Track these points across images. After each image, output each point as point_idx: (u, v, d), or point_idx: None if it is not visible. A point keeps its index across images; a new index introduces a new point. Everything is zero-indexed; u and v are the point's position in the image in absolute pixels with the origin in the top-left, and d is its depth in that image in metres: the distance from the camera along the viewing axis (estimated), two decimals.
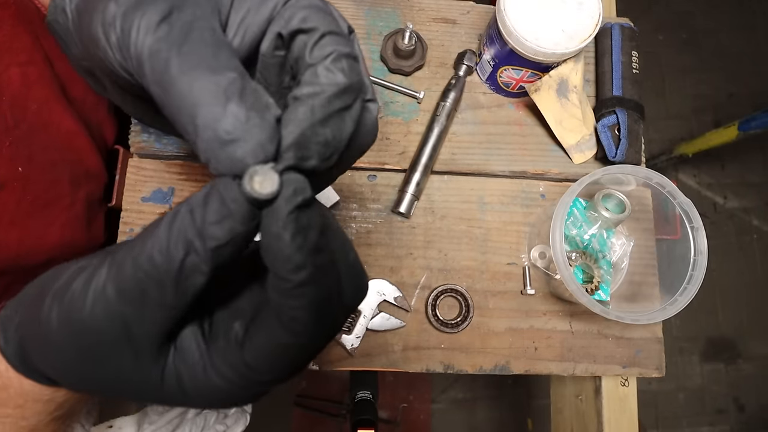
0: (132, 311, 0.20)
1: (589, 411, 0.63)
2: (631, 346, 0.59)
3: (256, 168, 0.19)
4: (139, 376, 0.22)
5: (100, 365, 0.22)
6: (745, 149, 1.83)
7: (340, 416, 1.41)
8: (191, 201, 0.20)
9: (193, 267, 0.20)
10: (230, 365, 0.22)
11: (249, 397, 0.24)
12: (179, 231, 0.20)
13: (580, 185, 0.52)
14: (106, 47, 0.22)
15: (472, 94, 0.63)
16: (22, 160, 0.44)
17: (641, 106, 0.60)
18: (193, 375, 0.23)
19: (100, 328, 0.21)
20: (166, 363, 0.23)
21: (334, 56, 0.22)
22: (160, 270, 0.20)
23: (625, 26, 0.62)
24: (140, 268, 0.20)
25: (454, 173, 0.62)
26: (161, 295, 0.20)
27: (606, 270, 0.59)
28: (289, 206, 0.19)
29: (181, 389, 0.23)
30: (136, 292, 0.20)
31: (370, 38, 0.63)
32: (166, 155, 0.58)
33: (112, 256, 0.21)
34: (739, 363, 1.74)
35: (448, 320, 0.57)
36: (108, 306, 0.20)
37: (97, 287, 0.21)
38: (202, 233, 0.19)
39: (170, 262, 0.20)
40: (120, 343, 0.21)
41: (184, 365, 0.23)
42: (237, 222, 0.20)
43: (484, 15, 0.66)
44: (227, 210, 0.19)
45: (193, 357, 0.23)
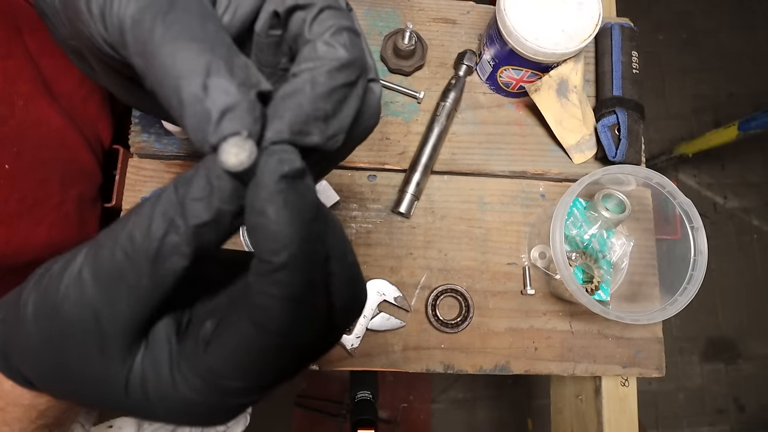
0: (104, 297, 0.19)
1: (589, 411, 0.63)
2: (631, 346, 0.59)
3: (230, 139, 0.17)
4: (103, 373, 0.20)
5: (66, 357, 0.20)
6: (745, 149, 1.83)
7: (340, 416, 1.41)
8: (178, 178, 0.19)
9: (172, 247, 0.18)
10: (194, 369, 0.20)
11: (216, 412, 0.21)
12: (162, 208, 0.18)
13: (580, 185, 0.52)
14: (89, 20, 0.21)
15: (472, 94, 0.63)
16: (10, 157, 0.43)
17: (641, 106, 0.60)
18: (158, 379, 0.20)
19: (70, 314, 0.19)
20: (134, 362, 0.20)
21: (334, 29, 0.20)
22: (137, 249, 0.18)
23: (625, 26, 0.62)
24: (118, 246, 0.18)
25: (454, 173, 0.62)
26: (136, 279, 0.18)
27: (606, 270, 0.59)
28: (274, 176, 0.17)
29: (144, 395, 0.20)
30: (112, 275, 0.19)
31: (370, 38, 0.63)
32: (166, 155, 0.58)
33: (91, 241, 0.20)
34: (739, 363, 1.74)
35: (448, 320, 0.57)
36: (82, 290, 0.19)
37: (73, 270, 0.19)
38: (184, 210, 0.18)
39: (149, 240, 0.18)
40: (88, 333, 0.19)
41: (151, 366, 0.20)
42: (220, 199, 0.18)
43: (484, 15, 0.66)
44: (211, 186, 0.18)
45: (161, 356, 0.20)
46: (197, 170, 0.18)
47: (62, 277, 0.20)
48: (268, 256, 0.18)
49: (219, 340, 0.20)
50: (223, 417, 0.22)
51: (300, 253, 0.18)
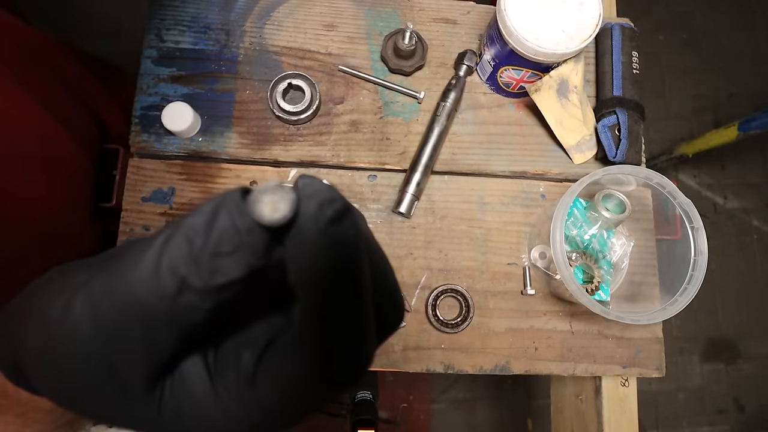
0: (115, 352, 0.18)
1: (589, 411, 0.63)
2: (631, 346, 0.59)
3: (265, 187, 0.16)
4: (132, 413, 0.19)
5: (88, 400, 0.20)
6: (745, 149, 1.83)
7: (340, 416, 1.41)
8: (187, 224, 0.16)
9: (191, 306, 0.17)
10: (240, 404, 0.19)
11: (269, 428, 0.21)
12: (171, 262, 0.16)
13: (580, 185, 0.52)
14: None
15: (472, 95, 0.63)
16: None
17: (641, 107, 0.60)
18: (196, 414, 0.20)
19: (81, 368, 0.18)
20: (162, 398, 0.19)
21: None
22: (147, 309, 0.17)
23: (625, 26, 0.62)
24: (124, 305, 0.17)
25: (455, 173, 0.62)
26: (149, 335, 0.17)
27: (606, 270, 0.59)
28: (320, 226, 0.16)
29: (181, 424, 0.20)
30: (118, 330, 0.17)
31: (370, 38, 0.63)
32: (166, 155, 0.58)
33: (88, 286, 0.18)
34: (739, 363, 1.74)
35: (448, 320, 0.57)
36: (87, 346, 0.18)
37: (73, 324, 0.18)
38: (203, 267, 0.16)
39: (160, 301, 0.16)
40: (105, 382, 0.18)
41: (186, 401, 0.19)
42: (253, 254, 0.16)
43: (485, 15, 0.66)
44: (240, 240, 0.16)
45: (195, 393, 0.19)
46: (216, 218, 0.16)
47: (61, 331, 0.18)
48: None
49: (268, 374, 0.19)
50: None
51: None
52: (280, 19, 0.62)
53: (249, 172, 0.59)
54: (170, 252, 0.16)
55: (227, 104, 0.59)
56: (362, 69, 0.62)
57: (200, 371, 0.20)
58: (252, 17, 0.62)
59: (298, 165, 0.60)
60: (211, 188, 0.58)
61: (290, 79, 0.57)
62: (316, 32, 0.63)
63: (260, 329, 0.21)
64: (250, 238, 0.16)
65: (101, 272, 0.19)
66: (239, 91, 0.60)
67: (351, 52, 0.63)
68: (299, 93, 0.59)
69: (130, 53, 0.68)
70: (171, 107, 0.55)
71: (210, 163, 0.59)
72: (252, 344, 0.20)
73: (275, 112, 0.58)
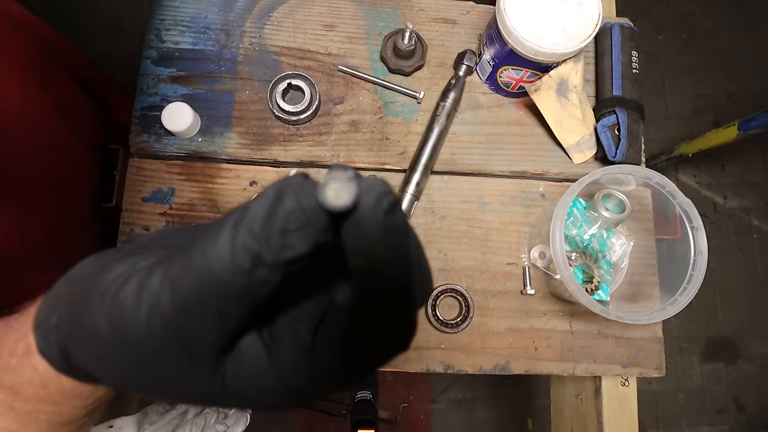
0: (191, 324, 0.20)
1: (589, 411, 0.63)
2: (631, 346, 0.59)
3: (334, 174, 0.18)
4: (196, 384, 0.21)
5: (156, 374, 0.21)
6: (745, 149, 1.83)
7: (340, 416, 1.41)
8: (255, 206, 0.18)
9: (263, 280, 0.19)
10: (298, 372, 0.21)
11: (317, 396, 0.23)
12: (245, 241, 0.18)
13: (580, 185, 0.52)
14: None
15: (472, 94, 0.63)
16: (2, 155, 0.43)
17: (641, 106, 0.60)
18: (255, 383, 0.22)
19: (156, 341, 0.20)
20: (226, 370, 0.21)
21: None
22: (225, 285, 0.19)
23: (625, 26, 0.62)
24: (202, 282, 0.19)
25: (454, 173, 0.62)
26: (224, 309, 0.19)
27: (606, 270, 0.59)
28: (378, 217, 0.18)
29: (242, 395, 0.22)
30: (196, 305, 0.19)
31: (370, 38, 0.63)
32: (166, 155, 0.58)
33: (164, 266, 0.20)
34: (739, 363, 1.74)
35: (448, 320, 0.57)
36: (164, 319, 0.20)
37: (152, 300, 0.20)
38: (274, 243, 0.18)
39: (236, 276, 0.18)
40: (178, 355, 0.20)
41: (245, 372, 0.21)
42: (318, 231, 0.18)
43: (484, 15, 0.66)
44: (306, 218, 0.18)
45: (254, 366, 0.22)
46: (278, 199, 0.18)
47: (139, 306, 0.20)
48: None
49: (324, 345, 0.21)
50: (318, 398, 0.23)
51: (411, 280, 0.20)
52: (279, 20, 0.62)
53: (249, 172, 0.59)
54: (242, 232, 0.18)
55: (227, 104, 0.59)
56: (362, 69, 0.62)
57: (257, 345, 0.22)
58: (251, 17, 0.62)
59: (298, 165, 0.60)
60: (211, 188, 0.58)
61: (290, 79, 0.57)
62: (315, 32, 0.63)
63: (311, 306, 0.23)
64: (315, 216, 0.18)
65: (173, 254, 0.21)
66: (239, 92, 0.60)
67: (350, 52, 0.63)
68: (299, 93, 0.59)
69: (129, 53, 0.68)
70: (171, 107, 0.55)
71: (210, 163, 0.59)
72: (306, 319, 0.22)
73: (275, 113, 0.58)
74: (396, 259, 0.20)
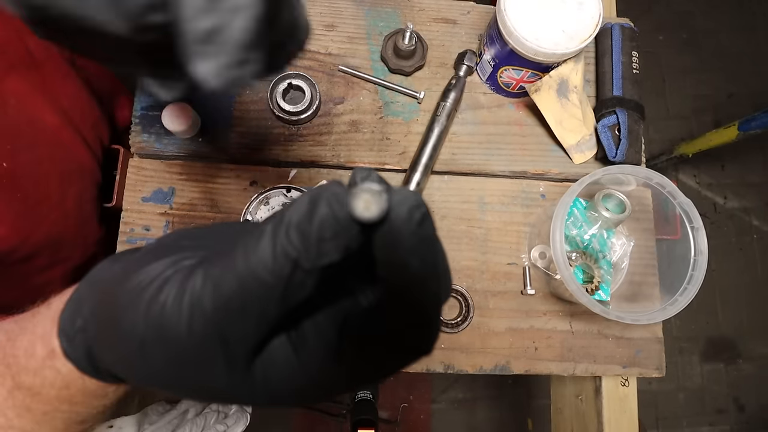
0: (231, 325, 0.20)
1: (589, 411, 0.63)
2: (631, 346, 0.59)
3: (366, 185, 0.19)
4: (228, 384, 0.22)
5: (191, 372, 0.22)
6: (745, 149, 1.83)
7: (340, 416, 1.41)
8: (292, 215, 0.19)
9: (299, 284, 0.20)
10: (326, 372, 0.23)
11: (344, 392, 0.24)
12: (285, 247, 0.19)
13: (580, 185, 0.52)
14: None
15: (472, 94, 0.63)
16: (6, 155, 0.43)
17: (641, 106, 0.60)
18: (285, 383, 0.23)
19: (196, 340, 0.21)
20: (256, 370, 0.22)
21: None
22: (266, 288, 0.20)
23: (625, 26, 0.62)
24: (244, 284, 0.20)
25: (455, 173, 0.62)
26: (263, 310, 0.20)
27: (606, 270, 0.59)
28: (411, 229, 0.19)
29: (271, 394, 0.23)
30: (237, 306, 0.20)
31: (370, 38, 0.63)
32: (166, 155, 0.58)
33: (204, 267, 0.21)
34: (739, 363, 1.74)
35: (448, 320, 0.57)
36: (205, 319, 0.20)
37: (194, 301, 0.20)
38: (311, 250, 0.19)
39: (278, 280, 0.19)
40: (214, 355, 0.21)
41: (275, 374, 0.22)
42: (349, 240, 0.19)
43: (485, 15, 0.66)
44: (339, 227, 0.19)
45: (283, 366, 0.23)
46: (313, 206, 0.19)
47: (180, 308, 0.21)
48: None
49: (353, 348, 0.23)
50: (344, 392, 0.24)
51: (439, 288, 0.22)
52: None
53: (249, 172, 0.59)
54: (281, 238, 0.19)
55: (227, 104, 0.59)
56: (362, 69, 0.62)
57: (286, 347, 0.23)
58: None
59: (298, 165, 0.60)
60: (211, 188, 0.58)
61: (290, 79, 0.57)
62: (316, 32, 0.63)
63: (336, 309, 0.24)
64: (347, 226, 0.19)
65: (210, 256, 0.22)
66: (239, 91, 0.60)
67: (351, 52, 0.63)
68: (299, 93, 0.59)
69: None
70: (171, 107, 0.55)
71: (210, 163, 0.58)
72: (332, 321, 0.23)
73: (275, 112, 0.58)
74: (428, 272, 0.20)
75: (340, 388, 0.24)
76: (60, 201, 0.51)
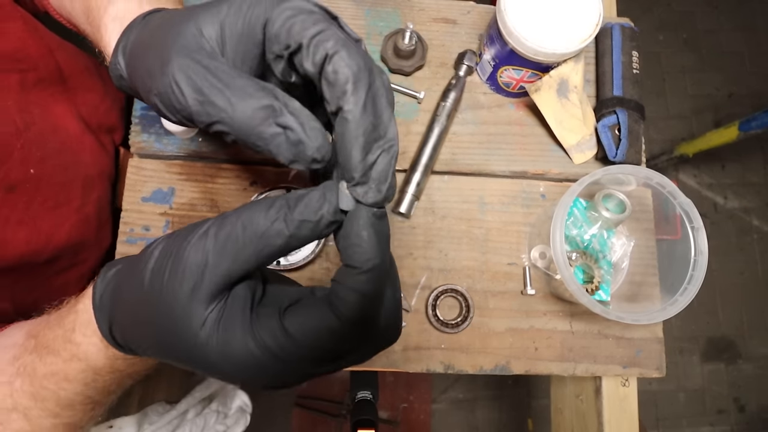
0: (216, 250, 0.26)
1: (589, 411, 0.63)
2: (632, 346, 0.59)
3: (340, 187, 0.27)
4: (186, 310, 0.26)
5: (164, 293, 0.26)
6: (746, 149, 1.83)
7: (340, 416, 1.41)
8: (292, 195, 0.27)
9: (277, 231, 0.26)
10: (268, 330, 0.26)
11: (279, 375, 0.27)
12: (278, 204, 0.26)
13: (580, 185, 0.52)
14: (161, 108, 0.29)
15: (472, 94, 0.63)
16: (34, 161, 0.44)
17: (641, 106, 0.60)
18: (230, 332, 0.26)
19: (190, 254, 0.26)
20: (213, 310, 0.26)
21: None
22: (254, 225, 0.26)
23: (625, 26, 0.62)
24: (240, 220, 0.26)
25: (455, 173, 0.62)
26: (243, 245, 0.26)
27: (606, 270, 0.59)
28: (369, 214, 0.27)
29: (215, 346, 0.26)
30: (228, 238, 0.26)
31: (370, 38, 0.63)
32: (166, 155, 0.58)
33: (221, 214, 0.27)
34: (739, 363, 1.74)
35: (448, 320, 0.57)
36: (204, 242, 0.26)
37: (202, 229, 0.27)
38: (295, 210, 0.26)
39: (264, 221, 0.26)
40: (192, 274, 0.26)
41: (227, 317, 0.26)
42: (327, 211, 0.26)
43: (485, 15, 0.66)
44: (323, 201, 0.26)
45: (236, 311, 0.26)
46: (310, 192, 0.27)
47: (193, 232, 0.27)
48: (358, 264, 0.26)
49: (297, 312, 0.27)
50: (277, 382, 0.27)
51: (380, 265, 0.26)
52: None
53: (249, 172, 0.59)
54: (278, 201, 0.27)
55: None
56: None
57: (246, 294, 0.27)
58: None
59: None
60: (211, 188, 0.58)
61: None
62: None
63: (294, 290, 0.30)
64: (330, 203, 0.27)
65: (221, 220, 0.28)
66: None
67: None
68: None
69: None
70: None
71: (210, 163, 0.58)
72: (289, 297, 0.28)
73: None
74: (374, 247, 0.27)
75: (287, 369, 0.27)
76: (81, 205, 0.52)
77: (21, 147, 0.42)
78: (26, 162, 0.43)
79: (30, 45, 0.46)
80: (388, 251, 0.27)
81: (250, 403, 0.66)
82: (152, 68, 0.29)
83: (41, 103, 0.47)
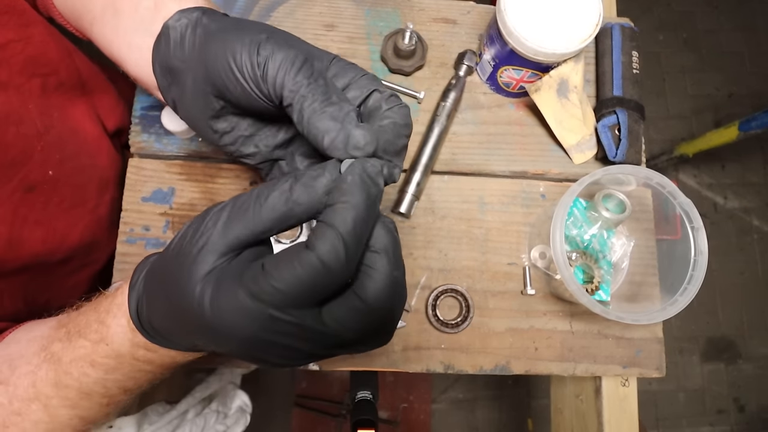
0: (230, 216, 0.29)
1: (589, 411, 0.63)
2: (632, 346, 0.59)
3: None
4: (191, 269, 0.28)
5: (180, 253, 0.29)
6: (746, 149, 1.83)
7: (340, 416, 1.41)
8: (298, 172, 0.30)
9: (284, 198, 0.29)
10: (252, 277, 0.27)
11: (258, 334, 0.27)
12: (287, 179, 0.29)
13: (580, 185, 0.52)
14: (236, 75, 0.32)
15: (472, 94, 0.63)
16: (53, 163, 0.45)
17: (641, 106, 0.60)
18: (222, 283, 0.27)
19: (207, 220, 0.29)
20: (214, 270, 0.28)
21: (399, 105, 0.34)
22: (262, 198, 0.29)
23: (625, 26, 0.62)
24: (253, 195, 0.29)
25: (455, 173, 0.62)
26: (252, 214, 0.28)
27: (606, 270, 0.59)
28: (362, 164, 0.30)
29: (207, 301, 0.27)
30: (241, 208, 0.29)
31: (370, 38, 0.63)
32: (166, 155, 0.58)
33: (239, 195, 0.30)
34: (739, 363, 1.74)
35: (448, 320, 0.57)
36: (221, 212, 0.29)
37: (223, 204, 0.30)
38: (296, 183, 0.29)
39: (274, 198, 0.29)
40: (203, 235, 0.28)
41: (221, 273, 0.28)
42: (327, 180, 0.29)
43: (485, 15, 0.66)
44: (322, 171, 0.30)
45: (232, 270, 0.28)
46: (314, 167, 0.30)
47: (216, 205, 0.30)
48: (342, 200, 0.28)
49: (282, 265, 0.27)
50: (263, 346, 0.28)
51: (361, 209, 0.28)
52: (279, 20, 0.62)
53: (249, 173, 0.59)
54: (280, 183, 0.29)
55: None
56: None
57: (250, 258, 0.29)
58: (251, 17, 0.62)
59: None
60: (211, 188, 0.58)
61: None
62: (315, 32, 0.62)
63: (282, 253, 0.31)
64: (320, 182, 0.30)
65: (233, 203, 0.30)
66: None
67: (351, 52, 0.62)
68: None
69: None
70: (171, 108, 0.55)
71: (210, 163, 0.58)
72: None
73: None
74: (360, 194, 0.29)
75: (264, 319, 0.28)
76: (95, 206, 0.53)
77: (41, 149, 0.43)
78: (46, 164, 0.44)
79: (51, 49, 0.46)
80: (371, 205, 0.29)
81: (250, 403, 0.66)
82: None
83: (61, 106, 0.47)
